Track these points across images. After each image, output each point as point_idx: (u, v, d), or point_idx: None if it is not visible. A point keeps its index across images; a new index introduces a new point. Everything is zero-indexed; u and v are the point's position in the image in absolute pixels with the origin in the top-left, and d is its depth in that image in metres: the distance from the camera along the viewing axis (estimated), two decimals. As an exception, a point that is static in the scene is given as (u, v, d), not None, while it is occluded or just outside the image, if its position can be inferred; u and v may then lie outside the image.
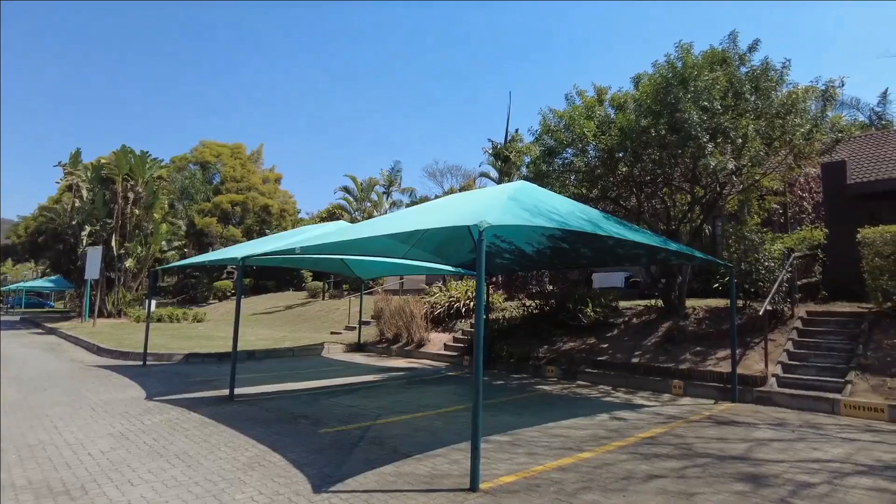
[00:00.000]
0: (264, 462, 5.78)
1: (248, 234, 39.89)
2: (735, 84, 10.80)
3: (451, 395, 10.19)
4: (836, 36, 68.48)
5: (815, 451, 6.30)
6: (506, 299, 18.02)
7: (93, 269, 23.93)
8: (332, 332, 20.49)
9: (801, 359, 9.87)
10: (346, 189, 39.80)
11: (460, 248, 11.78)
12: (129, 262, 27.90)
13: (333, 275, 29.42)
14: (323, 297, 29.79)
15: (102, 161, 29.83)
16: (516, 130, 15.90)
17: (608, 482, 5.21)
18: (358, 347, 17.71)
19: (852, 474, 5.48)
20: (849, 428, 7.46)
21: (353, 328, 19.04)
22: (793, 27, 74.62)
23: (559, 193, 12.63)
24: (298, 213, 47.43)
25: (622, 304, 14.44)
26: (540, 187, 9.67)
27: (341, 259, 14.53)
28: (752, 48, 11.47)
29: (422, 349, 15.93)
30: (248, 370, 13.03)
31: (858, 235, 10.44)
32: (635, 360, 11.22)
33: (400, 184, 40.77)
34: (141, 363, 13.63)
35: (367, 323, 19.33)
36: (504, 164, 18.88)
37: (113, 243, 27.35)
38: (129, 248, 27.99)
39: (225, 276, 39.78)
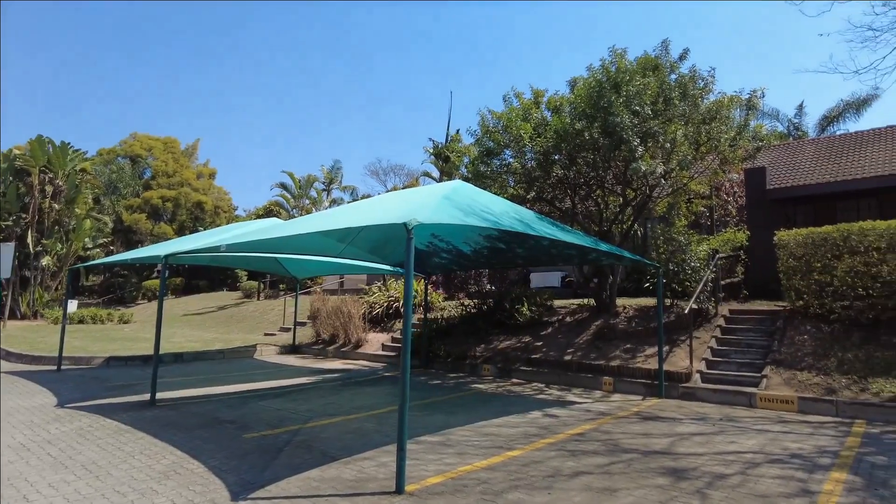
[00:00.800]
0: (182, 470, 5.47)
1: (181, 231, 38.27)
2: (665, 90, 11.19)
3: (386, 396, 10.05)
4: (762, 50, 72.68)
5: (731, 443, 6.57)
6: (445, 299, 18.01)
7: (4, 268, 22.25)
8: (266, 334, 19.90)
9: (723, 355, 10.32)
10: (283, 186, 38.76)
11: (398, 247, 11.65)
12: (45, 260, 26.15)
13: (269, 274, 28.62)
14: (258, 298, 28.92)
15: (16, 152, 27.81)
16: (457, 131, 16.00)
17: (535, 480, 5.23)
18: (293, 349, 17.26)
19: (763, 464, 5.73)
20: (763, 420, 7.83)
21: (289, 329, 18.55)
22: (722, 38, 78.61)
23: (498, 194, 12.73)
24: (235, 209, 45.95)
25: (557, 302, 14.70)
26: (476, 187, 9.68)
27: (275, 258, 14.11)
28: (682, 57, 11.93)
29: (359, 350, 15.69)
30: (175, 373, 12.44)
31: (775, 238, 11.02)
32: (568, 357, 11.43)
33: (341, 181, 40.13)
34: (55, 368, 12.74)
35: (303, 324, 18.87)
36: (445, 163, 18.92)
37: (29, 240, 25.55)
38: (46, 245, 26.23)
39: (155, 275, 38.00)
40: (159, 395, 9.13)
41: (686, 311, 10.27)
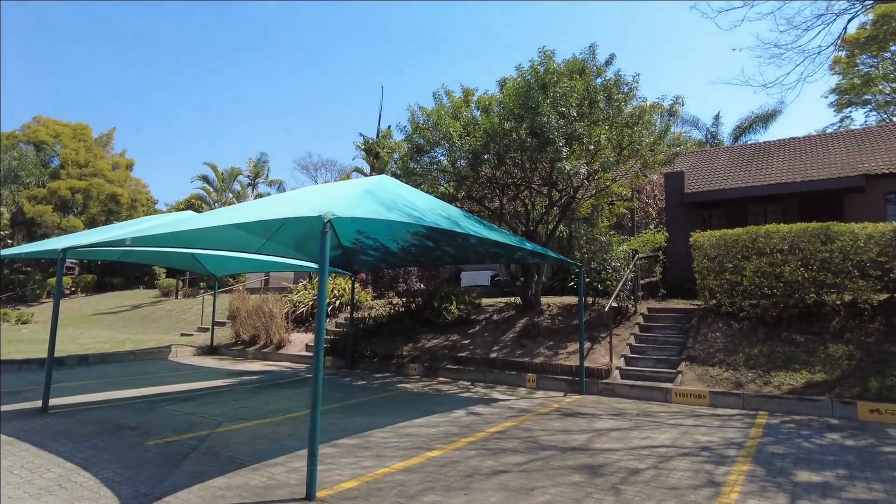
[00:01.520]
0: (68, 484, 4.97)
1: (92, 225, 35.71)
2: (591, 93, 11.43)
3: (306, 399, 9.68)
4: (683, 61, 76.66)
5: (646, 438, 6.73)
6: (375, 297, 17.71)
7: None
8: (182, 334, 18.86)
9: (641, 352, 10.65)
10: (204, 178, 36.90)
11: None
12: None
13: (189, 272, 27.23)
14: (176, 296, 27.45)
15: None
16: (388, 127, 15.73)
17: (452, 481, 5.12)
18: (210, 350, 16.44)
19: (675, 457, 5.88)
20: (677, 414, 8.11)
21: (207, 329, 17.66)
22: (646, 47, 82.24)
23: (429, 192, 12.61)
24: (155, 203, 43.44)
25: (486, 301, 14.76)
26: (403, 183, 9.51)
27: (192, 254, 13.36)
28: (609, 62, 12.23)
29: (281, 351, 15.13)
30: (78, 377, 11.53)
31: (691, 239, 11.50)
32: (494, 355, 11.46)
33: (267, 175, 38.74)
34: (-67, 373, 11.49)
35: (223, 324, 18.04)
36: (376, 160, 18.61)
37: None
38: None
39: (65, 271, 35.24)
40: (56, 402, 8.41)
41: (606, 309, 10.52)
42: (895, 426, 7.28)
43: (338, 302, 16.59)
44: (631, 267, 12.03)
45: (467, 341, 12.57)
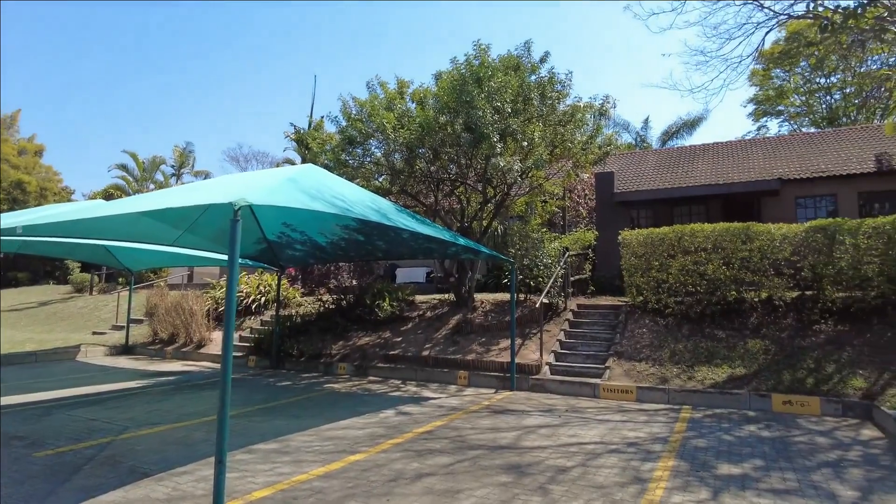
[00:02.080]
0: (-71, 505, 4.33)
1: (-6, 215, 32.66)
2: (525, 90, 11.39)
3: (226, 400, 9.12)
4: (616, 65, 79.17)
5: (575, 435, 6.68)
6: (304, 294, 17.09)
7: None
8: (94, 333, 17.52)
9: (570, 348, 10.72)
10: (123, 167, 34.53)
11: (245, 235, 10.67)
12: None
13: (106, 266, 25.44)
14: (90, 293, 25.57)
15: None
16: (321, 118, 15.16)
17: (375, 486, 4.84)
18: (125, 350, 15.35)
19: (603, 454, 5.85)
20: (605, 410, 8.16)
21: (123, 327, 16.48)
22: (581, 50, 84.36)
23: (363, 186, 12.24)
24: (72, 193, 40.33)
25: (420, 298, 14.51)
26: (331, 173, 9.11)
27: (104, 246, 12.37)
28: (543, 59, 12.25)
29: (202, 350, 14.30)
30: (-39, 381, 10.39)
31: (620, 237, 11.71)
32: (426, 352, 11.24)
33: (193, 165, 36.84)
34: None
35: (140, 321, 16.90)
36: (307, 151, 17.95)
37: None
38: None
39: (-43, 265, 32.18)
40: (-70, 409, 7.47)
41: (538, 306, 10.52)
42: (804, 416, 7.60)
43: (263, 299, 15.88)
44: (562, 264, 12.12)
45: (399, 339, 12.28)
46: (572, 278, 13.53)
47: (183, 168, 36.49)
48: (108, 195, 31.98)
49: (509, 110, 10.83)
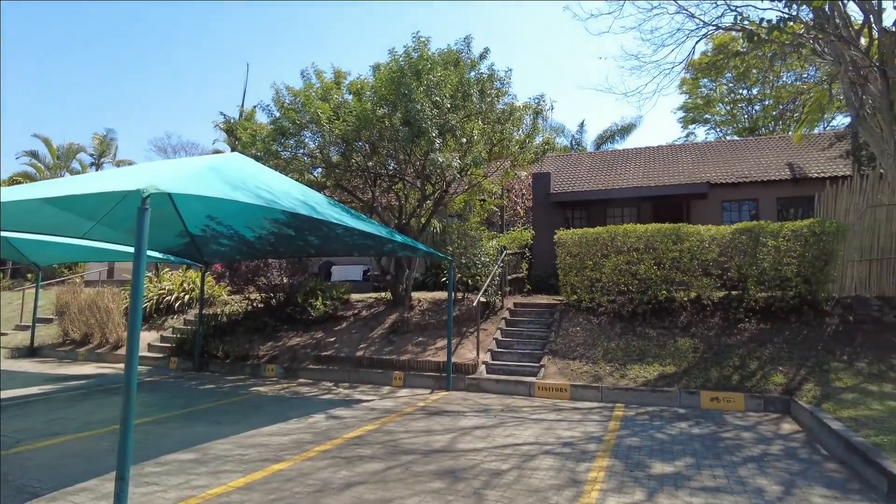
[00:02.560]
0: None
1: None
2: (465, 85, 11.23)
3: (141, 406, 8.43)
4: (555, 69, 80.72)
5: (510, 436, 6.54)
6: (233, 292, 16.27)
7: None
8: (-6, 333, 16.01)
9: (507, 346, 10.64)
10: (33, 154, 31.81)
11: (165, 229, 9.96)
12: None
13: (11, 262, 23.44)
14: (-7, 289, 23.45)
15: None
16: (253, 107, 14.44)
17: (298, 498, 4.48)
18: (30, 352, 14.09)
19: (538, 455, 5.73)
20: (540, 409, 8.09)
21: (28, 328, 15.13)
22: (519, 53, 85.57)
23: (297, 179, 11.73)
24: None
25: (355, 296, 14.10)
26: (259, 164, 8.60)
27: (6, 238, 11.23)
28: (483, 56, 12.12)
29: (119, 351, 13.31)
30: None
31: (555, 237, 11.76)
32: (360, 353, 10.88)
33: (115, 154, 34.54)
34: None
35: (49, 321, 15.58)
36: (238, 141, 17.09)
37: None
38: None
39: None
40: None
41: (475, 304, 10.38)
42: (731, 412, 7.81)
43: (187, 297, 14.98)
44: (499, 263, 12.06)
45: (333, 339, 11.84)
46: (509, 277, 13.51)
47: (103, 157, 34.10)
48: (13, 183, 29.43)
49: (448, 105, 10.63)
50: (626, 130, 36.01)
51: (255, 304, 13.86)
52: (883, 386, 7.53)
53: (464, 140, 11.05)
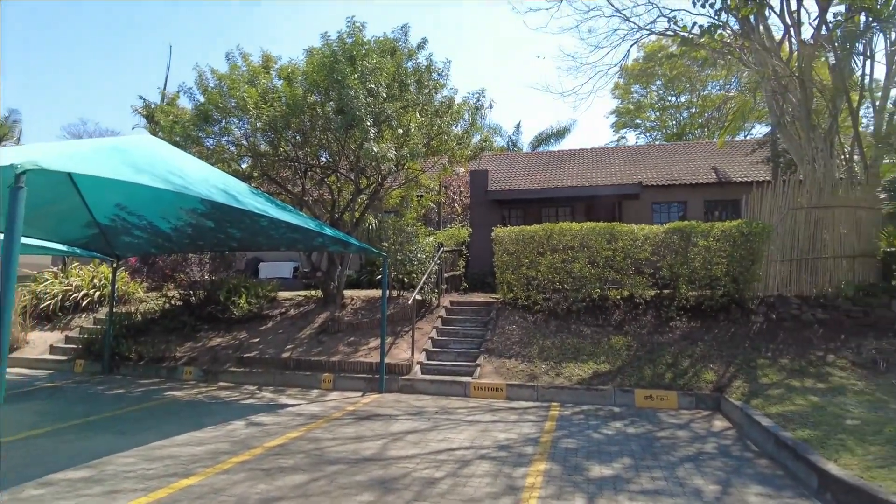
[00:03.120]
0: None
1: None
2: (402, 75, 10.83)
3: (33, 416, 7.55)
4: (494, 69, 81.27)
5: (445, 440, 6.22)
6: (151, 289, 15.13)
7: None
8: None
9: (442, 345, 10.34)
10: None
11: (69, 218, 9.00)
12: None
13: None
14: None
15: None
16: (177, 92, 13.44)
17: (205, 520, 3.97)
18: None
19: (474, 460, 5.43)
20: (476, 410, 7.82)
21: None
22: (456, 46, 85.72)
23: (220, 168, 11.00)
24: None
25: (283, 294, 13.39)
26: (174, 148, 7.89)
27: None
28: (421, 46, 11.74)
29: (15, 354, 11.98)
30: None
31: (492, 234, 11.57)
32: (287, 354, 10.26)
33: (20, 138, 31.63)
34: None
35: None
36: (158, 127, 15.88)
37: None
38: None
39: None
40: None
41: (410, 302, 10.01)
42: (664, 410, 7.83)
43: (98, 294, 13.76)
44: (436, 260, 11.75)
45: (257, 339, 11.14)
46: (446, 275, 13.24)
47: (5, 140, 31.12)
48: None
49: (385, 94, 10.19)
50: (560, 133, 36.67)
51: (173, 302, 12.89)
52: (804, 381, 7.76)
53: (400, 131, 10.65)
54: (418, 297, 10.58)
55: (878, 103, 11.78)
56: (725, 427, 6.91)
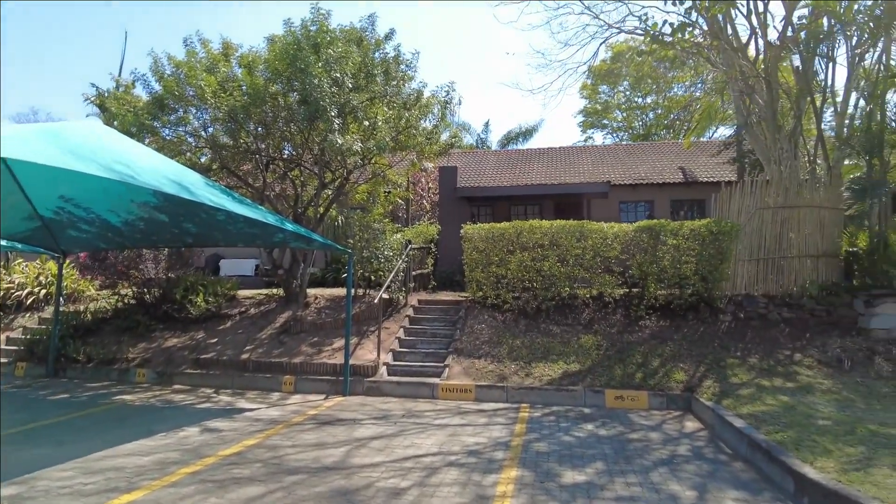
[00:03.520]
0: None
1: None
2: (368, 65, 10.47)
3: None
4: (465, 67, 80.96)
5: (411, 445, 5.93)
6: (104, 287, 14.37)
7: None
8: None
9: (410, 346, 10.04)
10: None
11: (8, 210, 8.36)
12: None
13: None
14: None
15: None
16: (132, 80, 12.72)
17: (146, 542, 3.59)
18: None
19: (442, 468, 5.16)
20: (444, 413, 7.55)
21: None
22: (425, 43, 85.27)
23: (177, 160, 10.48)
24: None
25: (244, 293, 12.88)
26: (121, 135, 7.38)
27: None
28: (388, 36, 11.40)
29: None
30: None
31: (462, 231, 11.32)
32: (246, 355, 9.80)
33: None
34: None
35: None
36: (110, 114, 15.06)
37: None
38: None
39: None
40: None
41: (376, 301, 9.68)
42: (635, 411, 7.70)
43: (44, 292, 13.00)
44: (403, 257, 11.43)
45: (215, 340, 10.63)
46: (414, 273, 12.94)
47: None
48: None
49: (350, 85, 9.82)
50: (528, 133, 36.77)
51: (126, 301, 12.24)
52: (774, 381, 7.74)
53: (366, 123, 10.29)
54: (385, 295, 10.26)
55: (839, 107, 11.97)
56: (697, 428, 6.81)
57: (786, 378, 7.82)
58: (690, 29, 12.00)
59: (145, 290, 12.04)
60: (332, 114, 9.19)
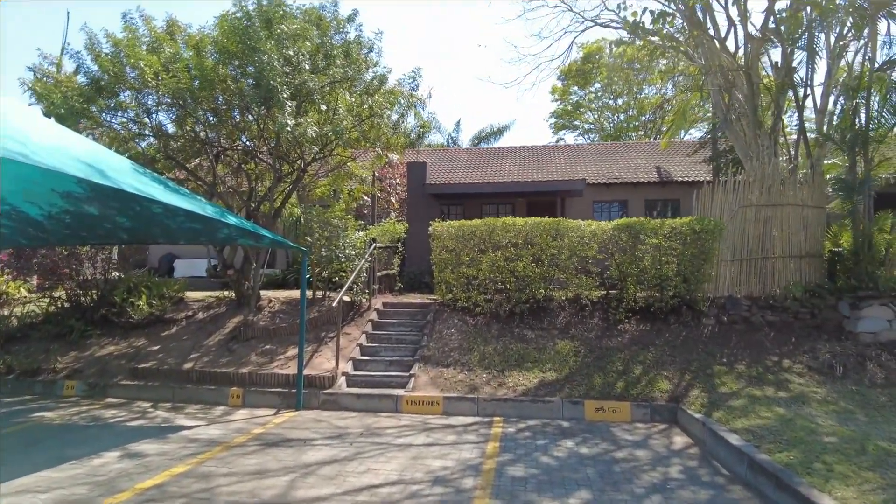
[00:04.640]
0: None
1: None
2: (327, 46, 9.62)
3: None
4: (440, 65, 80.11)
5: (368, 471, 5.12)
6: (42, 289, 13.12)
7: None
8: None
9: (372, 353, 9.22)
10: None
11: None
12: None
13: None
14: None
15: None
16: (61, 57, 11.61)
17: None
18: None
19: (402, 501, 4.38)
20: (408, 429, 6.75)
21: None
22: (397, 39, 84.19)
23: (112, 148, 9.48)
24: None
25: (193, 295, 11.83)
26: (27, 113, 6.38)
27: None
28: (351, 18, 10.55)
29: None
30: None
31: (430, 228, 10.56)
32: (189, 364, 8.82)
33: None
34: None
35: None
36: (34, 95, 13.78)
37: None
38: None
39: None
40: None
41: (336, 304, 8.83)
42: (617, 424, 7.04)
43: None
44: (367, 257, 10.60)
45: (157, 347, 9.61)
46: (379, 273, 12.10)
47: None
48: None
49: (307, 66, 8.95)
50: (500, 132, 36.21)
51: (60, 304, 11.10)
52: (765, 390, 7.17)
53: (324, 107, 9.42)
54: (346, 298, 9.44)
55: (819, 103, 11.62)
56: (687, 444, 6.17)
57: (777, 387, 7.26)
58: (671, 18, 11.54)
59: (80, 292, 10.92)
60: (285, 96, 8.30)
